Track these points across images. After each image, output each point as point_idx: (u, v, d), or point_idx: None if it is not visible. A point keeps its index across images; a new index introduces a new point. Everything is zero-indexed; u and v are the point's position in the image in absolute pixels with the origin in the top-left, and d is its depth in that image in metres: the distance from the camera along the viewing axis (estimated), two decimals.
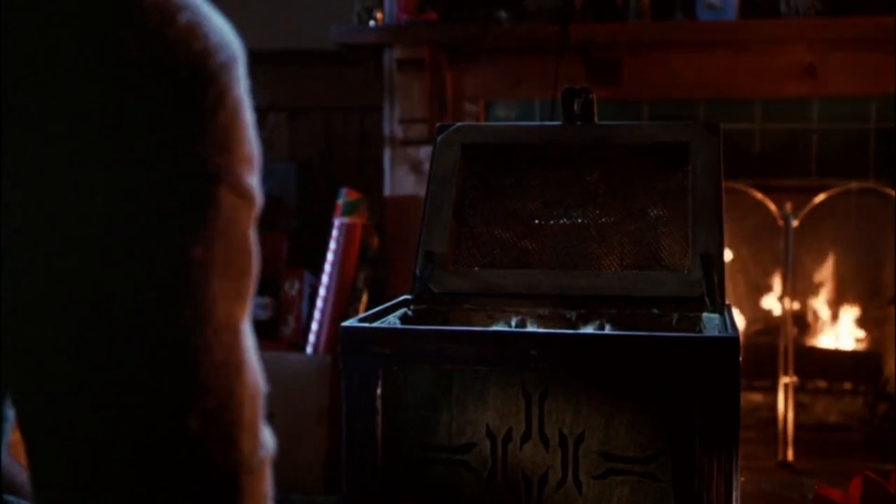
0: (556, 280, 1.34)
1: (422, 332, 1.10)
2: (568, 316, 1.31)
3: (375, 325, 1.14)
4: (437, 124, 1.48)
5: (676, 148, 1.41)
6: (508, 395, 1.08)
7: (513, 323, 1.28)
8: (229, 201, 0.58)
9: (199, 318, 0.57)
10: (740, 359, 1.04)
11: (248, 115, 0.60)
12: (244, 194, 0.59)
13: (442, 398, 1.10)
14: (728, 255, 1.31)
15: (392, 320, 1.22)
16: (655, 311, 1.29)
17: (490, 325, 1.30)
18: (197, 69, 0.57)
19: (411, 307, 1.31)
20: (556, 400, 1.08)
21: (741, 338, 1.07)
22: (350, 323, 1.10)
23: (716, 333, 1.12)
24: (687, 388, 1.04)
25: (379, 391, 1.08)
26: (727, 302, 1.29)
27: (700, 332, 1.27)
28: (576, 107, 1.47)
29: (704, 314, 1.26)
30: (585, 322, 1.30)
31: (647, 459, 1.07)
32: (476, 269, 1.39)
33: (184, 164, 0.57)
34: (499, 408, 1.09)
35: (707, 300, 1.27)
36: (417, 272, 1.35)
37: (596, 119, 1.47)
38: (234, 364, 0.59)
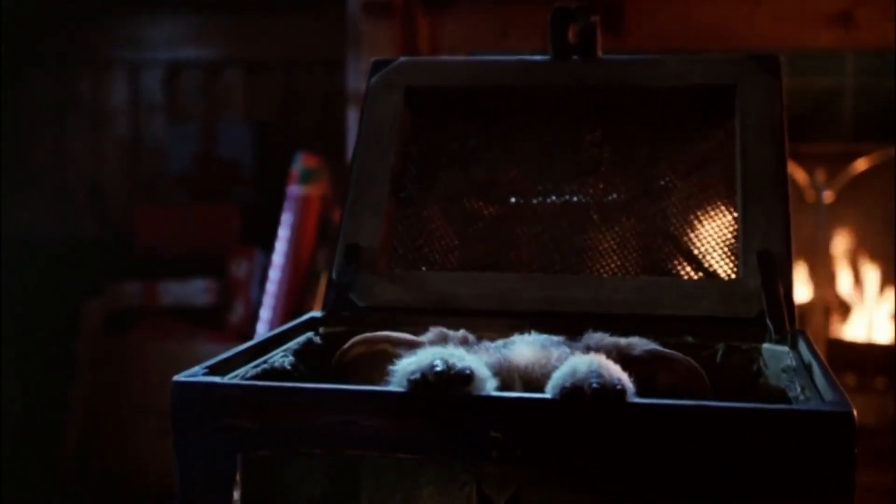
0: (541, 289, 0.90)
1: (309, 393, 0.65)
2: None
3: (231, 377, 0.69)
4: (372, 59, 1.04)
5: (717, 93, 0.97)
6: (455, 501, 0.64)
7: (427, 341, 0.72)
8: None
9: None
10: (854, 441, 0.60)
11: None
12: None
13: None
14: None
15: (278, 360, 0.77)
16: (689, 339, 0.85)
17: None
18: None
19: (321, 331, 0.87)
20: None
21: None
22: (188, 376, 0.65)
23: (808, 403, 0.68)
24: (762, 493, 0.60)
25: (237, 493, 0.64)
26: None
27: (759, 371, 0.83)
28: (570, 36, 1.03)
29: (765, 346, 0.83)
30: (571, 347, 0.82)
31: None
32: (423, 270, 0.95)
33: None
34: None
35: (770, 324, 0.83)
36: (334, 275, 0.91)
37: (599, 53, 1.02)
38: None
